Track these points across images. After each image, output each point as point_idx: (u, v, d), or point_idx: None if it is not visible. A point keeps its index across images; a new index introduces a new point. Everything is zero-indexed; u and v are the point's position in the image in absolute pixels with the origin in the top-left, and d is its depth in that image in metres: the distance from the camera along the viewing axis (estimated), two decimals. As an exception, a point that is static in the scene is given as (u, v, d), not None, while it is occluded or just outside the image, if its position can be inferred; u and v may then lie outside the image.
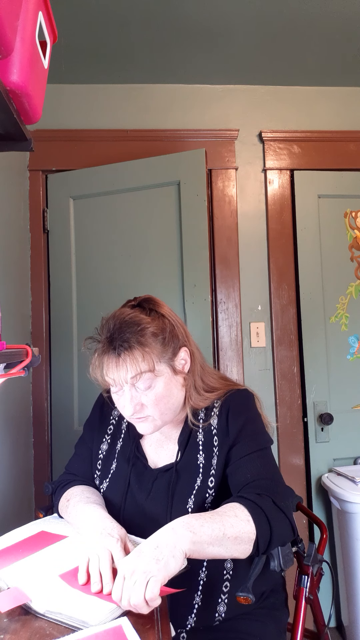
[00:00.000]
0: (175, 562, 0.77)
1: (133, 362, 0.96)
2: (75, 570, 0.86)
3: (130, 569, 0.75)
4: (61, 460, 1.98)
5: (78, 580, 0.83)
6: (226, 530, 0.83)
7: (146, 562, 0.75)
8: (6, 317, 1.68)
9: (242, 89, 2.20)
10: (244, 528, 0.84)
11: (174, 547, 0.78)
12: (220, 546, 0.82)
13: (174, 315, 1.08)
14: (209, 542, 0.81)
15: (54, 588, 0.81)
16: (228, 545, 0.83)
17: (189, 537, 0.79)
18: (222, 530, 0.82)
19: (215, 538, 0.81)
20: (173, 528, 0.81)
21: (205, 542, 0.81)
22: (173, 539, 0.79)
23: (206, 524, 0.82)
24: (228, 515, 0.85)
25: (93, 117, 2.14)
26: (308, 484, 2.08)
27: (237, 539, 0.84)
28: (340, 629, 1.98)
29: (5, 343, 0.81)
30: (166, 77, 2.12)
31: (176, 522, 0.82)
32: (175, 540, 0.79)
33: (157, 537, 0.80)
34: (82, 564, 0.85)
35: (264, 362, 2.12)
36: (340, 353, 2.14)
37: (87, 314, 2.05)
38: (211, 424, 1.06)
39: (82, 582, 0.82)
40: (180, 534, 0.79)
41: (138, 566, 0.75)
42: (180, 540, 0.79)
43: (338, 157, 2.20)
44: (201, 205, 1.97)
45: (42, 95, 0.94)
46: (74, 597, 0.79)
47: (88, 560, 0.85)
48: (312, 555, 1.13)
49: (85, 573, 0.84)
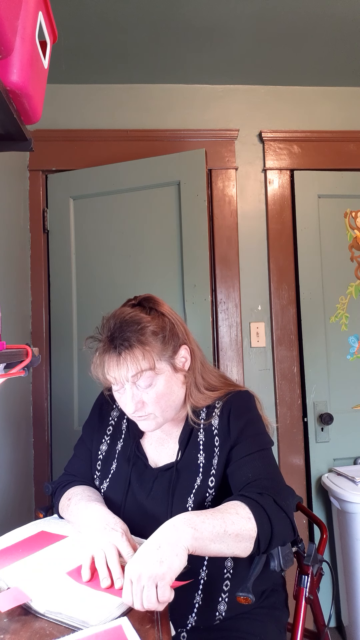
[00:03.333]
0: (179, 560, 0.77)
1: (134, 361, 0.96)
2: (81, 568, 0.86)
3: (136, 573, 0.75)
4: (61, 460, 1.98)
5: (82, 578, 0.83)
6: (227, 527, 0.82)
7: (151, 565, 0.75)
8: (6, 317, 1.68)
9: (242, 89, 2.20)
10: (245, 525, 0.84)
11: (176, 545, 0.78)
12: (221, 543, 0.82)
13: (174, 313, 1.08)
14: (211, 539, 0.81)
15: (60, 586, 0.81)
16: (229, 542, 0.83)
17: (191, 533, 0.79)
18: (224, 527, 0.82)
19: (217, 534, 0.81)
20: (174, 525, 0.81)
21: (207, 539, 0.81)
22: (175, 536, 0.79)
23: (207, 520, 0.82)
24: (229, 513, 0.85)
25: (93, 117, 2.14)
26: (308, 484, 2.08)
27: (239, 536, 0.83)
28: (340, 629, 1.98)
29: (5, 343, 0.82)
30: (166, 77, 2.12)
31: (177, 519, 0.82)
32: (177, 537, 0.79)
33: (159, 536, 0.80)
34: (86, 561, 0.85)
35: (264, 362, 2.12)
36: (340, 353, 2.14)
37: (87, 314, 2.05)
38: (212, 424, 1.06)
39: (85, 579, 0.83)
40: (181, 531, 0.79)
41: (144, 571, 0.75)
42: (182, 537, 0.79)
43: (338, 157, 2.20)
44: (201, 205, 1.97)
45: (42, 95, 0.94)
46: (76, 596, 0.79)
47: (92, 557, 0.85)
48: (312, 555, 1.13)
49: (89, 569, 0.84)
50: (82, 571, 0.84)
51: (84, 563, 0.85)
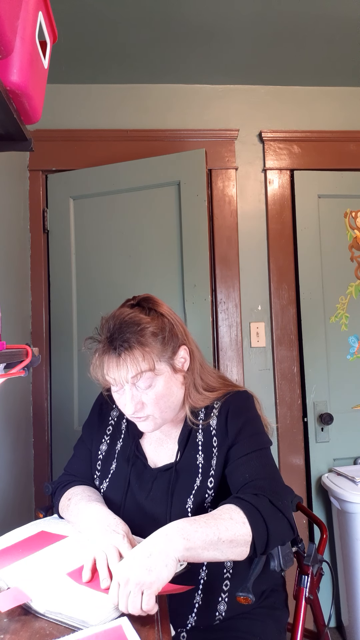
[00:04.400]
0: (168, 571, 0.77)
1: (133, 362, 0.96)
2: (82, 568, 0.86)
3: (124, 577, 0.75)
4: (61, 460, 1.98)
5: (82, 578, 0.83)
6: (221, 534, 0.82)
7: (139, 572, 0.75)
8: (6, 317, 1.68)
9: (242, 89, 2.20)
10: (240, 530, 0.84)
11: (167, 555, 0.78)
12: (215, 550, 0.82)
13: (173, 314, 1.08)
14: (204, 547, 0.81)
15: (60, 586, 0.81)
16: (223, 548, 0.83)
17: (183, 544, 0.79)
18: (217, 534, 0.82)
19: (210, 542, 0.81)
20: (167, 534, 0.81)
21: (199, 548, 0.81)
22: (166, 546, 0.79)
23: (200, 529, 0.82)
24: (223, 519, 0.85)
25: (93, 117, 2.14)
26: (308, 484, 2.08)
27: (233, 542, 0.83)
28: (340, 629, 1.98)
29: (5, 343, 0.82)
30: (166, 77, 2.12)
31: (170, 528, 0.82)
32: (168, 548, 0.78)
33: (151, 544, 0.80)
34: (88, 562, 0.85)
35: (264, 362, 2.12)
36: (340, 353, 2.14)
37: (87, 314, 2.05)
38: (210, 425, 1.06)
39: (86, 579, 0.83)
40: (173, 541, 0.79)
41: (131, 577, 0.75)
42: (174, 548, 0.79)
43: (338, 157, 2.20)
44: (201, 205, 1.97)
45: (42, 95, 0.94)
46: (77, 596, 0.79)
47: (94, 558, 0.85)
48: (312, 555, 1.13)
49: (90, 570, 0.84)
50: (83, 572, 0.84)
51: (85, 564, 0.86)
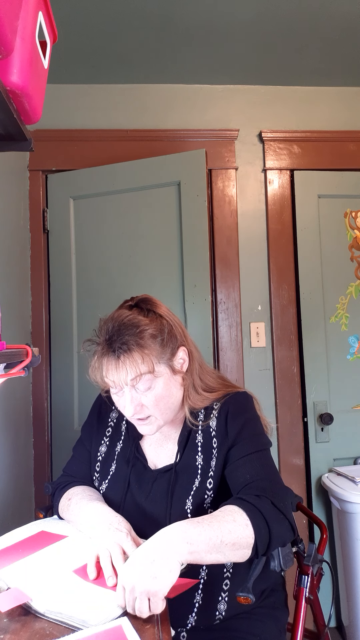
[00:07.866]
0: (173, 575, 0.76)
1: (133, 364, 0.96)
2: (86, 566, 0.86)
3: (129, 584, 0.75)
4: (61, 460, 1.98)
5: (89, 576, 0.84)
6: (224, 537, 0.82)
7: (144, 580, 0.74)
8: (6, 317, 1.68)
9: (242, 89, 2.20)
10: (242, 533, 0.84)
11: (171, 561, 0.77)
12: (218, 553, 0.82)
13: (172, 315, 1.07)
14: (207, 551, 0.81)
15: (61, 585, 0.82)
16: (226, 551, 0.83)
17: (186, 548, 0.79)
18: (220, 537, 0.82)
19: (213, 545, 0.81)
20: (170, 539, 0.80)
21: (202, 551, 0.80)
22: (169, 551, 0.78)
23: (204, 532, 0.81)
24: (226, 521, 0.84)
25: (93, 117, 2.14)
26: (308, 484, 2.08)
27: (235, 545, 0.83)
28: (340, 629, 1.98)
29: (5, 343, 0.82)
30: (166, 77, 2.12)
31: (173, 531, 0.81)
32: (172, 552, 0.78)
33: (154, 549, 0.79)
34: (91, 560, 0.85)
35: (263, 362, 2.12)
36: (340, 353, 2.14)
37: (87, 314, 2.05)
38: (210, 426, 1.05)
39: (92, 577, 0.83)
40: (177, 546, 0.79)
41: (137, 584, 0.74)
42: (177, 553, 0.78)
43: (338, 157, 2.20)
44: (201, 206, 1.97)
45: (42, 95, 0.94)
46: (77, 596, 0.79)
47: (97, 556, 0.86)
48: (312, 555, 1.13)
49: (95, 568, 0.84)
50: (87, 570, 0.84)
51: (89, 562, 0.86)
